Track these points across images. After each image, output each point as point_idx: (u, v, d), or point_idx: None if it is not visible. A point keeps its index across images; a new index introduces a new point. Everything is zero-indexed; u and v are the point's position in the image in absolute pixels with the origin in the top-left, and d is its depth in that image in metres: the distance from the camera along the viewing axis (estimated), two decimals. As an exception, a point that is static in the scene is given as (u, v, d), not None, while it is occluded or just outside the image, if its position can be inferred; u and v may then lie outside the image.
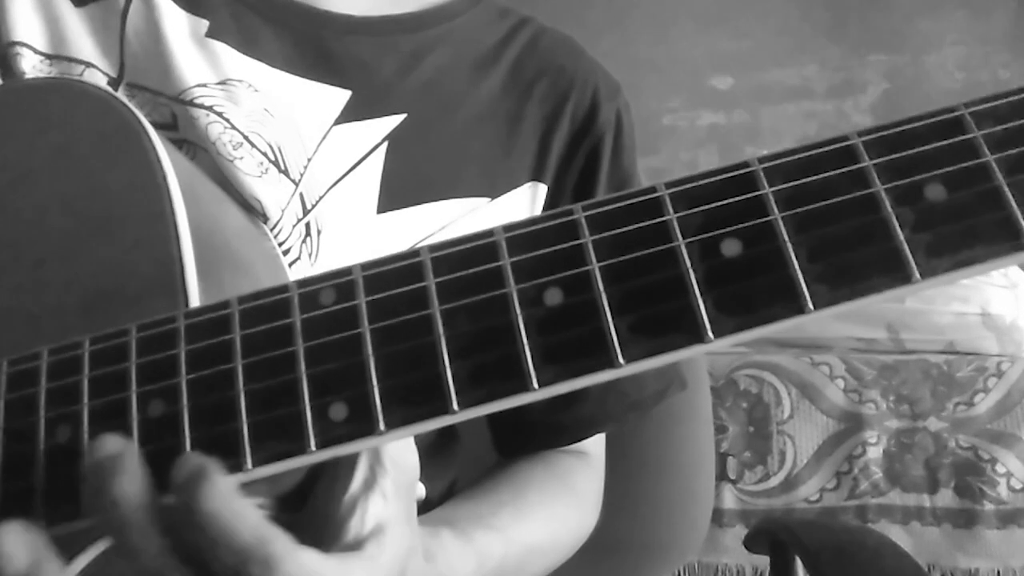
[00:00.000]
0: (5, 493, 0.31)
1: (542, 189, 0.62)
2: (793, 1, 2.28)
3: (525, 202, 0.62)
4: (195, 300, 0.36)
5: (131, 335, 0.32)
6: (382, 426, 0.28)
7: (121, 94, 0.52)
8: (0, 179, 0.42)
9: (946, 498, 1.58)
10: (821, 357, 1.66)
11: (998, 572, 1.54)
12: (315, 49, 0.58)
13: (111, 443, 0.29)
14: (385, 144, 0.57)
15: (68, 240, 0.39)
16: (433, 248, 0.30)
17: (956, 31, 2.24)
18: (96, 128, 0.42)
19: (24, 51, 0.53)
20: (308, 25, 0.58)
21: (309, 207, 0.54)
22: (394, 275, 0.30)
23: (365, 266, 0.30)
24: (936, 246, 0.25)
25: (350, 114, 0.57)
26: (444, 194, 0.58)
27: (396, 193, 0.57)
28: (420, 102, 0.59)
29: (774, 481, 1.62)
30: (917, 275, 0.25)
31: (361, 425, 0.28)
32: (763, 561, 1.33)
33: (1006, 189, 0.25)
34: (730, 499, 1.61)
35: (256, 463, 0.29)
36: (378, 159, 0.57)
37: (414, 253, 0.30)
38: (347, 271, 0.30)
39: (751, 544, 1.09)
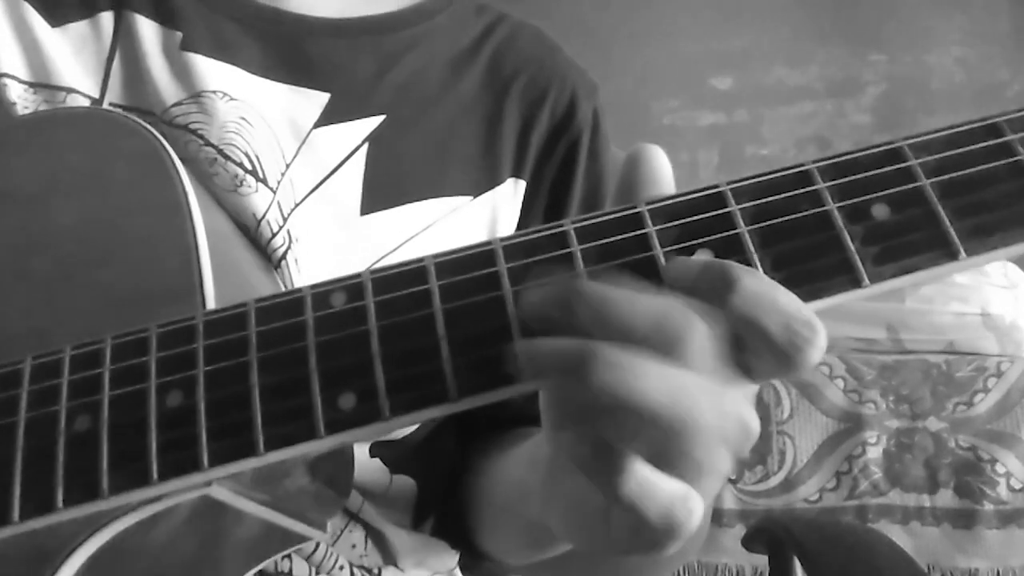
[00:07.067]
0: (25, 477, 0.32)
1: (521, 185, 0.62)
2: (793, 1, 2.29)
3: (507, 199, 0.62)
4: (212, 304, 0.38)
5: (151, 331, 0.33)
6: (387, 413, 0.30)
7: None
8: (32, 198, 0.44)
9: (946, 498, 1.58)
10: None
11: (998, 572, 1.54)
12: (291, 53, 0.58)
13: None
14: (366, 146, 0.58)
15: (96, 252, 0.41)
16: (436, 255, 0.32)
17: (956, 31, 2.23)
18: (124, 150, 0.44)
19: (10, 82, 0.53)
20: (283, 29, 0.58)
21: (287, 213, 0.54)
22: (400, 278, 0.32)
23: (374, 271, 0.33)
24: (882, 256, 0.29)
25: (330, 116, 0.57)
26: (427, 194, 0.58)
27: (379, 194, 0.57)
28: (399, 102, 0.59)
29: (774, 481, 1.63)
30: (866, 280, 0.29)
31: (368, 413, 0.30)
32: (763, 561, 1.34)
33: (939, 209, 0.29)
34: (730, 499, 1.62)
35: (268, 448, 0.31)
36: (359, 161, 0.57)
37: (419, 260, 0.32)
38: (356, 275, 0.33)
39: (749, 544, 1.10)
